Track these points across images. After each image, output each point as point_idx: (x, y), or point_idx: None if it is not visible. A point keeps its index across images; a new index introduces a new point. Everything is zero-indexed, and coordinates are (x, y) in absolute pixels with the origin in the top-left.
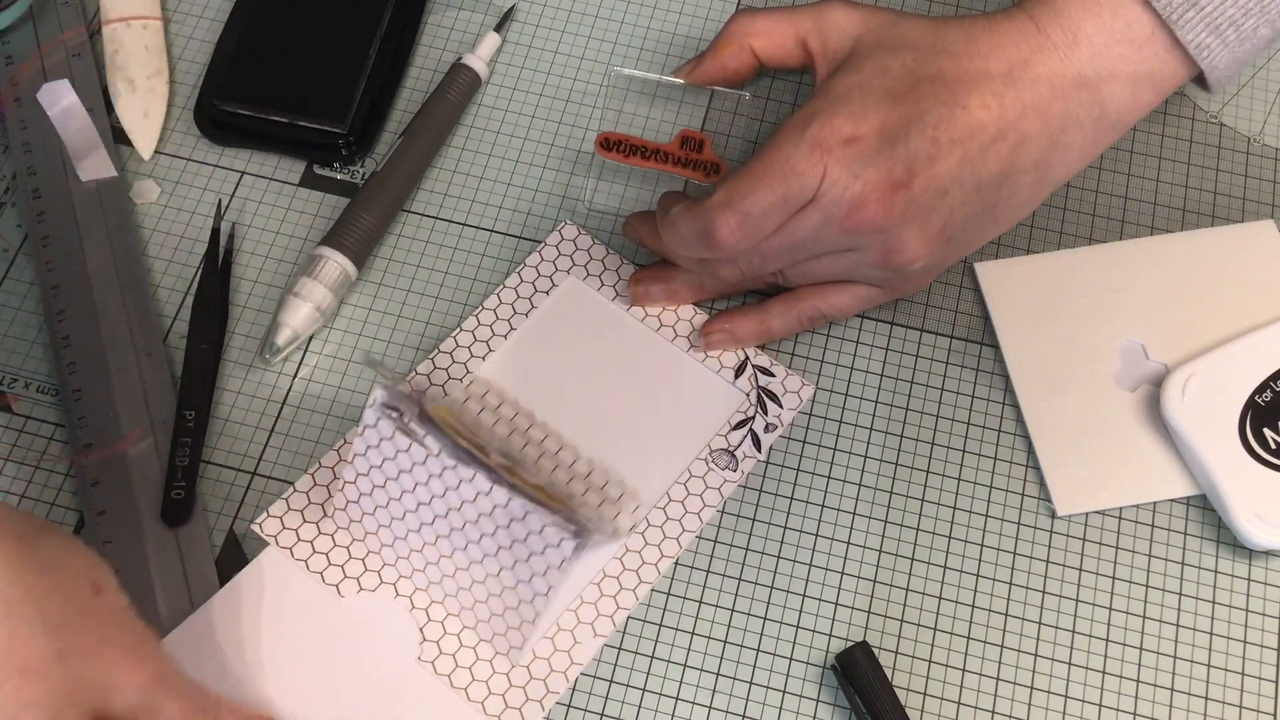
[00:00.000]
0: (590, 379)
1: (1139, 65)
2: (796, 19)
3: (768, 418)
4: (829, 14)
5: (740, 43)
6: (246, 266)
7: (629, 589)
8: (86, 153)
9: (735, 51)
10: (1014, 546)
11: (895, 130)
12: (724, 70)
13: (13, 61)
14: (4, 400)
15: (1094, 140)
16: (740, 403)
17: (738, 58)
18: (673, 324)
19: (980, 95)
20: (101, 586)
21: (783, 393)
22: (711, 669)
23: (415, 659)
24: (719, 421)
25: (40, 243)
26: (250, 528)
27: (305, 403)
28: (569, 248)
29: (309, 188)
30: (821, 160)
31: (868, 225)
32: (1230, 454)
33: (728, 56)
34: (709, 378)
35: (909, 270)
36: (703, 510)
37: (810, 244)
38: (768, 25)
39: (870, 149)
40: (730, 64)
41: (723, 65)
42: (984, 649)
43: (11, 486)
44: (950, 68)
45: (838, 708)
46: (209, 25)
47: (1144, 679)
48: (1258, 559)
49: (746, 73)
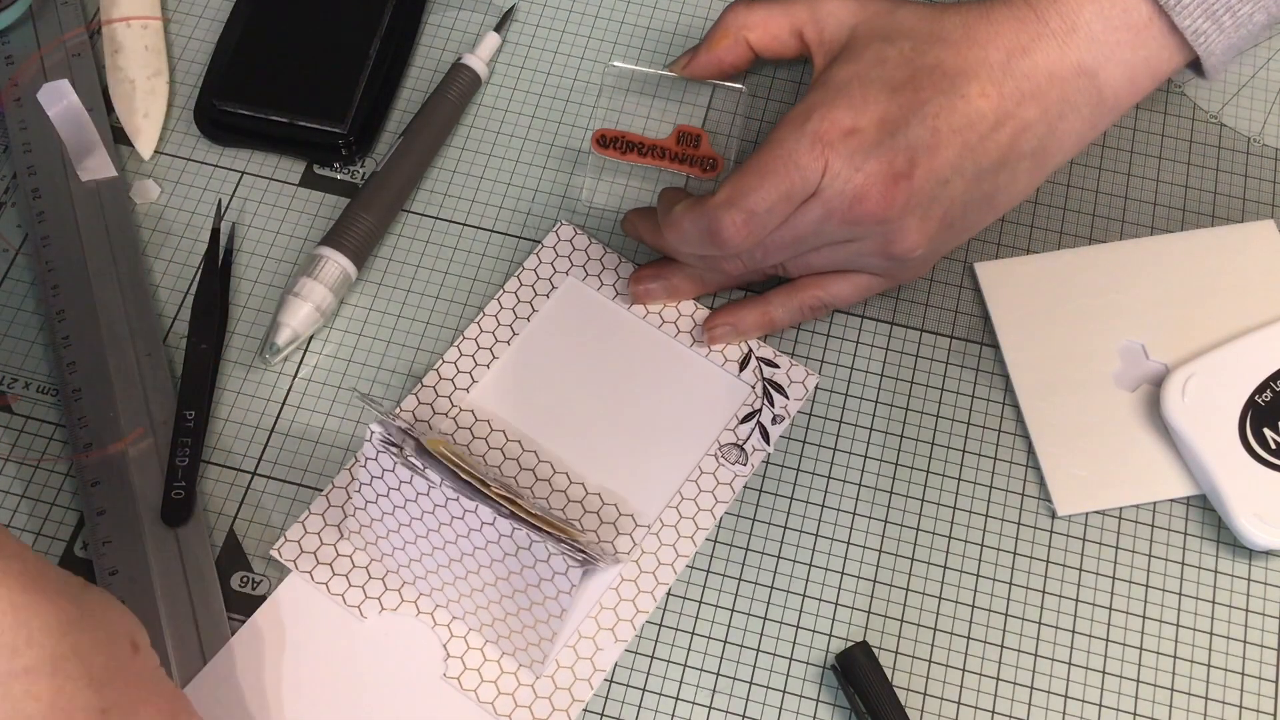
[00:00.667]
0: (595, 380)
1: (1136, 51)
2: (791, 10)
3: (774, 409)
4: (824, 3)
5: (735, 35)
6: (246, 266)
7: (647, 592)
8: (86, 153)
9: (730, 45)
10: (1014, 546)
11: (895, 121)
12: (719, 63)
13: (13, 61)
14: (4, 400)
15: (1091, 125)
16: (746, 395)
17: (733, 51)
18: (674, 320)
19: (979, 83)
20: (139, 645)
21: (788, 383)
22: (711, 669)
23: (441, 676)
24: (726, 416)
25: (40, 243)
26: (270, 554)
27: (305, 403)
28: (566, 248)
29: (309, 188)
30: (823, 154)
31: (869, 217)
32: (1230, 454)
33: (722, 49)
34: (714, 372)
35: (910, 259)
36: (715, 507)
37: (812, 237)
38: (762, 17)
39: (870, 140)
40: (726, 57)
41: (718, 59)
42: (984, 649)
43: (11, 486)
44: (948, 56)
45: (838, 708)
46: (209, 25)
47: (1144, 679)
48: (1258, 559)
49: (742, 65)
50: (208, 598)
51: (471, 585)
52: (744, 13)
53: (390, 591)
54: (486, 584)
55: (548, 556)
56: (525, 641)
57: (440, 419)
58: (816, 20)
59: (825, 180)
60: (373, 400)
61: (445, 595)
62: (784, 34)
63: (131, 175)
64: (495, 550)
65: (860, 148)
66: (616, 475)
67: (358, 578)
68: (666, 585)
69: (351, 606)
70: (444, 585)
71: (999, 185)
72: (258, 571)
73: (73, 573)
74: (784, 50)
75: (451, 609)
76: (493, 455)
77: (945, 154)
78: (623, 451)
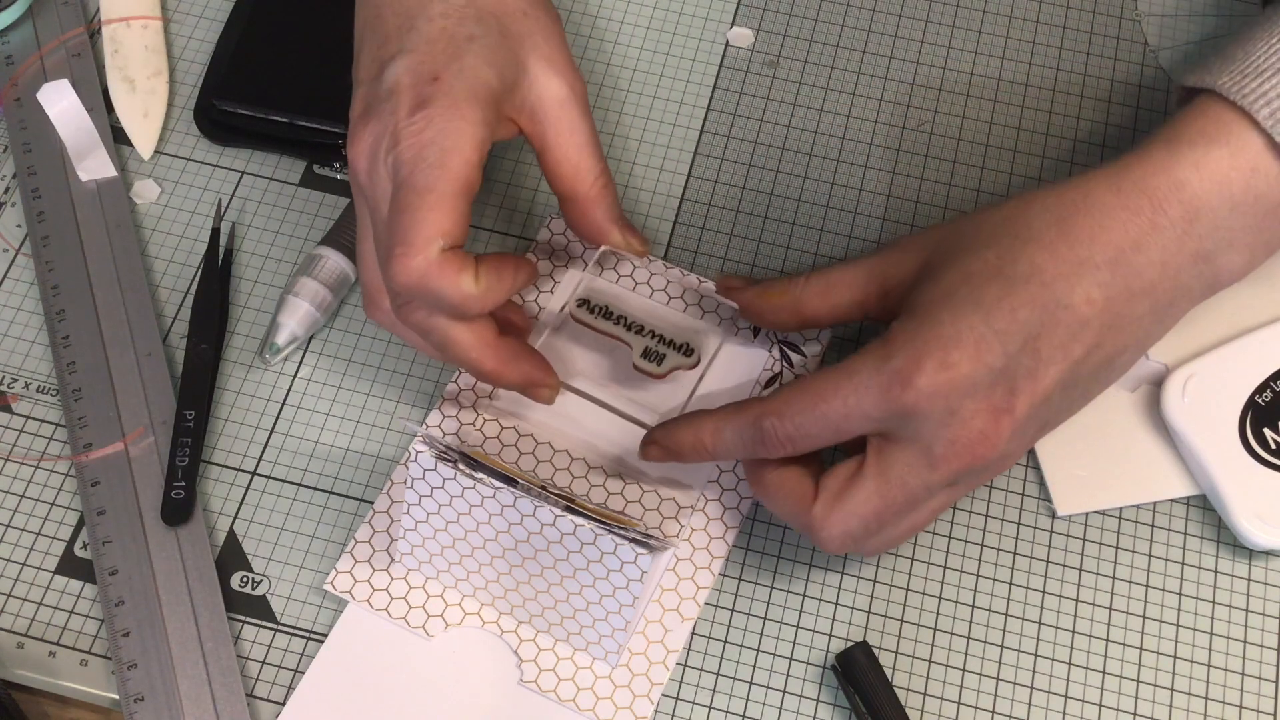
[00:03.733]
0: (621, 369)
1: (1260, 234)
2: (851, 282)
3: (794, 369)
4: (885, 259)
5: (792, 310)
6: (246, 266)
7: (703, 568)
8: (86, 153)
9: (785, 319)
10: (1014, 546)
11: (991, 348)
12: (759, 317)
13: (13, 61)
14: (4, 400)
15: (1199, 301)
16: (765, 360)
17: (779, 318)
18: (680, 294)
19: (1084, 288)
20: None
21: (802, 341)
22: (711, 669)
23: (517, 682)
24: (749, 384)
25: (40, 243)
26: (324, 588)
27: (305, 403)
28: (561, 241)
29: (309, 188)
30: (900, 396)
31: (975, 462)
32: (1230, 454)
33: (770, 317)
34: (729, 342)
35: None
36: None
37: (924, 493)
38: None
39: (964, 376)
40: (770, 319)
41: (761, 316)
42: (984, 649)
43: (11, 486)
44: (1045, 261)
45: (838, 708)
46: (209, 25)
47: (1144, 679)
48: (1258, 559)
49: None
50: (208, 598)
51: (536, 587)
52: (800, 291)
53: (452, 606)
54: (552, 584)
55: (614, 547)
56: (598, 635)
57: (469, 430)
58: (881, 279)
59: (913, 429)
60: (411, 425)
61: (510, 601)
62: (849, 306)
63: (131, 175)
64: (559, 550)
65: (955, 388)
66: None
67: (417, 598)
68: (722, 558)
69: (415, 628)
70: (507, 591)
71: (1098, 383)
72: (258, 571)
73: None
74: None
75: (517, 614)
76: (525, 460)
77: (1049, 376)
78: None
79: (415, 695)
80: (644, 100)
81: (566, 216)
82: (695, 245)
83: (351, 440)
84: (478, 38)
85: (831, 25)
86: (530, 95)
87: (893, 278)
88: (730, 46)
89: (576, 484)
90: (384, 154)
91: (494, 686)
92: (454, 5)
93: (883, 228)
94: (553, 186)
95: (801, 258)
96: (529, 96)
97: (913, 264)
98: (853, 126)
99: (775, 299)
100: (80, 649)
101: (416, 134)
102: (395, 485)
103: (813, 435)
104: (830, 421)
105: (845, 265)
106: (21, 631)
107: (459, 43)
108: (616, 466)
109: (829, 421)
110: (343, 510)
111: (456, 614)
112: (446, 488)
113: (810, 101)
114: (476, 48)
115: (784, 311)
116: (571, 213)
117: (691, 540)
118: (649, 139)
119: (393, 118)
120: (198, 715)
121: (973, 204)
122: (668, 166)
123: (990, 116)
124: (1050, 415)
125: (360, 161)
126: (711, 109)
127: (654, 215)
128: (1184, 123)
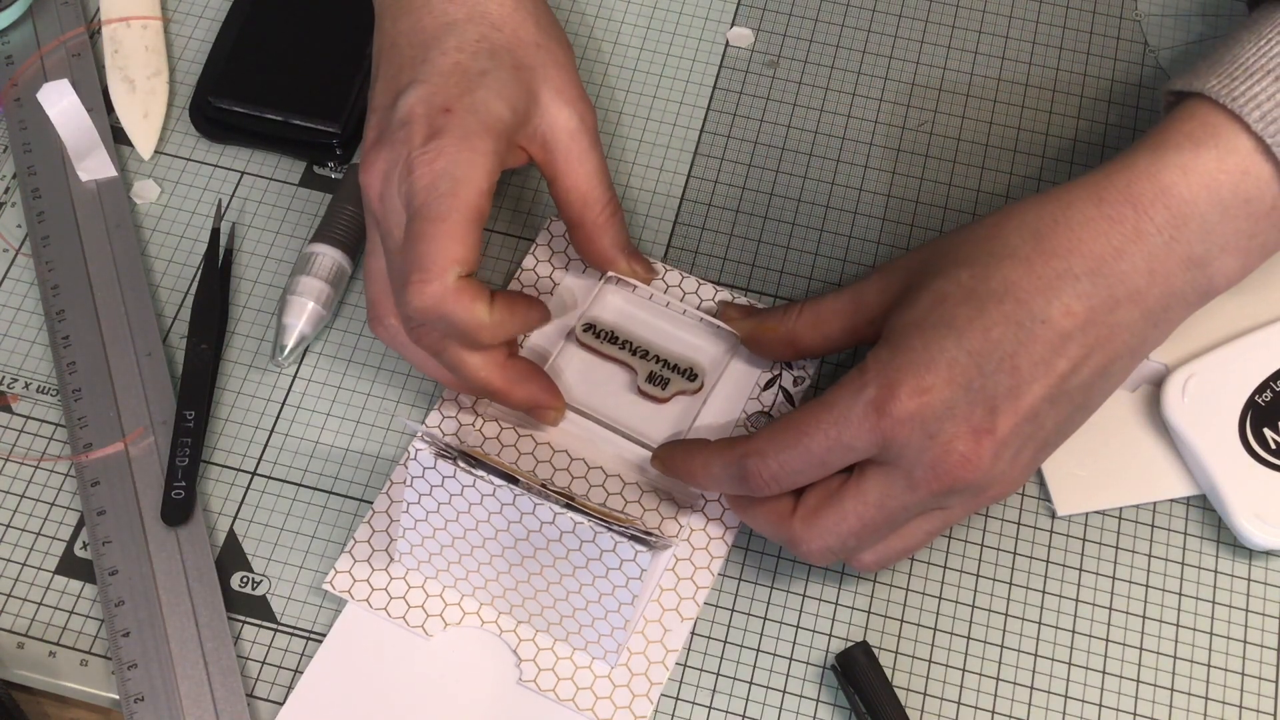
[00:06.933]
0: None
1: (1254, 238)
2: (841, 310)
3: (794, 371)
4: (869, 286)
5: (786, 341)
6: (246, 266)
7: (703, 567)
8: (86, 153)
9: (781, 349)
10: (1014, 546)
11: (966, 370)
12: (758, 346)
13: (13, 61)
14: (4, 400)
15: (1197, 307)
16: (763, 362)
17: (776, 349)
18: (680, 298)
19: (1063, 301)
20: None
21: None
22: (711, 669)
23: (517, 681)
24: (749, 384)
25: (40, 243)
26: (324, 587)
27: (305, 403)
28: (560, 244)
29: (309, 187)
30: (878, 425)
31: (957, 484)
32: (1230, 454)
33: (768, 347)
34: (732, 364)
35: (1005, 494)
36: None
37: (902, 514)
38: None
39: (941, 401)
40: (771, 350)
41: (760, 345)
42: (984, 649)
43: (11, 486)
44: (1019, 277)
45: (838, 708)
46: (209, 25)
47: (1144, 679)
48: (1258, 559)
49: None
50: (208, 598)
51: (536, 586)
52: (795, 321)
53: (451, 606)
54: (551, 582)
55: (613, 545)
56: (597, 634)
57: (469, 430)
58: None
59: (895, 454)
60: (411, 424)
61: (509, 600)
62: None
63: (131, 175)
64: (559, 548)
65: (931, 412)
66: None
67: (416, 597)
68: (721, 558)
69: (415, 627)
70: (506, 591)
71: (1095, 394)
72: (258, 571)
73: (73, 573)
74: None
75: (516, 613)
76: (525, 460)
77: (1032, 393)
78: (657, 431)
79: (414, 695)
80: (644, 100)
81: (574, 242)
82: (695, 245)
83: (351, 440)
84: (490, 71)
85: (831, 25)
86: (541, 125)
87: (876, 305)
88: (730, 46)
89: (576, 484)
90: (397, 181)
91: (493, 686)
92: (468, 39)
93: (883, 228)
94: (562, 213)
95: (801, 258)
96: (540, 126)
97: (895, 289)
98: (853, 126)
99: (771, 332)
100: (80, 649)
101: (429, 163)
102: (395, 485)
103: (798, 472)
104: (814, 456)
105: (834, 295)
106: (21, 631)
107: (471, 76)
108: (616, 466)
109: (812, 456)
110: (342, 510)
111: (455, 613)
112: (446, 485)
113: (810, 101)
114: (489, 81)
115: (779, 344)
116: (579, 239)
117: (691, 540)
118: (649, 139)
119: (406, 146)
120: (198, 715)
121: (973, 204)
122: (668, 166)
123: (990, 116)
124: (1046, 433)
125: (374, 186)
126: (711, 109)
127: (654, 215)
128: (1170, 127)
